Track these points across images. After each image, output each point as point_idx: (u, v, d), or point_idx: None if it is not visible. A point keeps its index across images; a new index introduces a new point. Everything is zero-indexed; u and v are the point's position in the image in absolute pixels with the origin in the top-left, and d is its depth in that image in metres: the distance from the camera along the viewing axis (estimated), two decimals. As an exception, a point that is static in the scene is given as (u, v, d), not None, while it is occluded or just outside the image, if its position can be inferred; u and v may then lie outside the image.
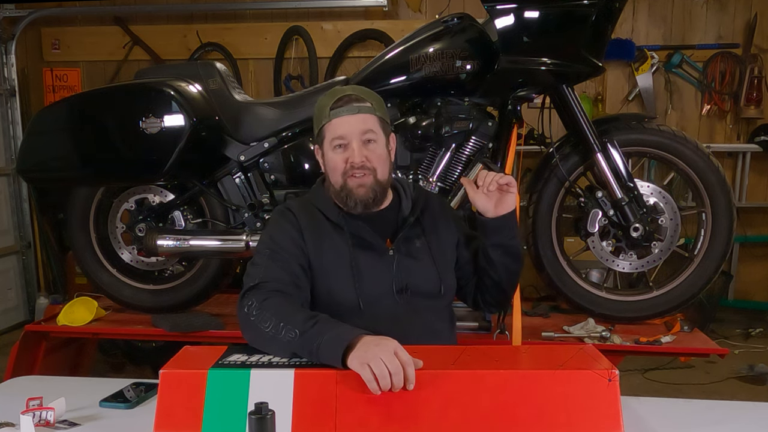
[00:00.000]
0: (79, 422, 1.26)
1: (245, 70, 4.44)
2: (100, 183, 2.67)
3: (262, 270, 1.46)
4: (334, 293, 1.52)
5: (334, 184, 1.55)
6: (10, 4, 4.33)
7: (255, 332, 1.35)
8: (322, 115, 1.55)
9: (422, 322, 1.55)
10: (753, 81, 4.03)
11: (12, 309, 4.33)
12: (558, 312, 2.75)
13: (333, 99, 1.54)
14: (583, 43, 2.28)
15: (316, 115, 1.59)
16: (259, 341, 1.34)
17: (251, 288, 1.43)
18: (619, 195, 2.37)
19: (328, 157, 1.56)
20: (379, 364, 1.13)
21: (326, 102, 1.55)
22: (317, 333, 1.24)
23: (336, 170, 1.53)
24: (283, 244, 1.51)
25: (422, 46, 2.36)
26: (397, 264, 1.54)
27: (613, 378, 1.16)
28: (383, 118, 1.57)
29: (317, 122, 1.58)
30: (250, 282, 1.44)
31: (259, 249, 1.54)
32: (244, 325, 1.39)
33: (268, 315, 1.33)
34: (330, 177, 1.56)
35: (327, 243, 1.54)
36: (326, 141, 1.55)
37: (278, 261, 1.48)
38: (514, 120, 2.40)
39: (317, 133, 1.58)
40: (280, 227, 1.56)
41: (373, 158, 1.52)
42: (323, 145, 1.57)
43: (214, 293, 2.76)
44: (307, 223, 1.56)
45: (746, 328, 3.96)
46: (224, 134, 2.52)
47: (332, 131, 1.53)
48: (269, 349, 1.33)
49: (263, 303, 1.37)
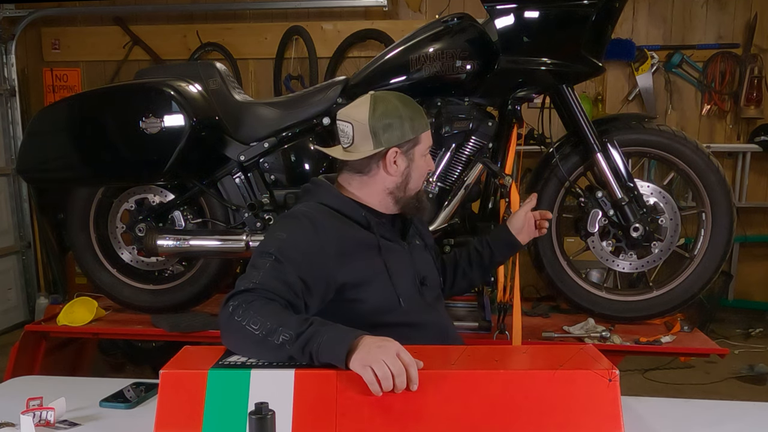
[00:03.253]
0: (79, 422, 1.26)
1: (245, 70, 4.44)
2: (100, 183, 2.67)
3: (260, 275, 1.37)
4: (372, 296, 1.52)
5: (413, 188, 1.63)
6: (10, 4, 4.33)
7: (239, 334, 1.26)
8: (419, 121, 1.60)
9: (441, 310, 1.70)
10: (753, 81, 4.03)
11: (12, 309, 4.33)
12: (558, 312, 2.75)
13: (420, 109, 1.64)
14: (583, 43, 2.28)
15: (413, 123, 1.59)
16: (244, 344, 1.27)
17: (242, 292, 1.34)
18: (619, 195, 2.37)
19: (418, 164, 1.62)
20: (382, 366, 1.13)
21: (419, 109, 1.62)
22: (316, 334, 1.21)
23: (422, 176, 1.66)
24: (291, 255, 1.41)
25: (422, 46, 2.36)
26: (413, 259, 1.64)
27: (613, 378, 1.16)
28: None
29: (412, 128, 1.58)
30: (243, 285, 1.35)
31: (263, 250, 1.43)
32: (226, 327, 1.30)
33: (257, 317, 1.25)
34: (413, 181, 1.63)
35: (356, 249, 1.51)
36: (421, 147, 1.62)
37: (279, 271, 1.38)
38: (514, 120, 2.40)
39: (410, 139, 1.59)
40: (294, 236, 1.46)
41: None
42: (414, 151, 1.61)
43: (214, 293, 2.76)
44: (333, 233, 1.49)
45: (746, 328, 3.97)
46: (224, 134, 2.52)
47: (427, 140, 1.63)
48: (255, 353, 1.26)
49: (251, 304, 1.29)
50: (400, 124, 1.57)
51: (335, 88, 2.50)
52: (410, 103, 1.61)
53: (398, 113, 1.57)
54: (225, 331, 1.31)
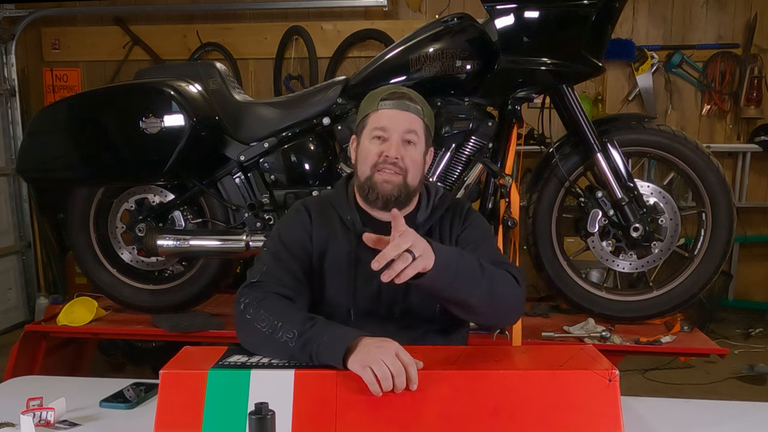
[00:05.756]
0: (79, 422, 1.26)
1: (245, 70, 4.44)
2: (100, 183, 2.67)
3: (265, 268, 1.44)
4: (327, 298, 1.49)
5: (360, 175, 1.50)
6: (10, 4, 4.33)
7: (250, 330, 1.31)
8: (370, 104, 1.52)
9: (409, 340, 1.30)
10: (753, 81, 4.03)
11: (12, 309, 4.33)
12: (558, 312, 2.74)
13: (387, 92, 1.51)
14: (583, 43, 2.28)
15: (363, 105, 1.54)
16: (254, 341, 1.31)
17: (250, 285, 1.41)
18: (619, 195, 2.38)
19: (363, 146, 1.50)
20: (381, 366, 1.13)
21: (378, 93, 1.52)
22: (316, 334, 1.22)
23: (367, 160, 1.47)
24: (289, 245, 1.48)
25: (422, 46, 2.36)
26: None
27: (613, 378, 1.16)
28: (429, 127, 1.53)
29: (362, 111, 1.53)
30: (251, 278, 1.43)
31: (267, 245, 1.52)
32: (239, 323, 1.36)
33: (264, 314, 1.30)
34: (359, 167, 1.51)
35: (332, 246, 1.49)
36: (366, 130, 1.50)
37: (281, 261, 1.45)
38: (514, 120, 2.40)
39: (359, 122, 1.53)
40: (291, 226, 1.53)
41: (408, 160, 1.46)
42: (361, 135, 1.52)
43: (214, 293, 2.76)
44: (320, 223, 1.51)
45: (746, 328, 3.96)
46: (224, 134, 2.52)
47: (376, 121, 1.48)
48: (263, 350, 1.29)
49: (261, 302, 1.34)
50: (363, 106, 1.54)
51: (335, 88, 2.50)
52: (385, 88, 1.56)
53: (368, 96, 1.55)
54: (237, 328, 1.37)
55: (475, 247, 1.49)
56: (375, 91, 1.55)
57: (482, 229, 1.57)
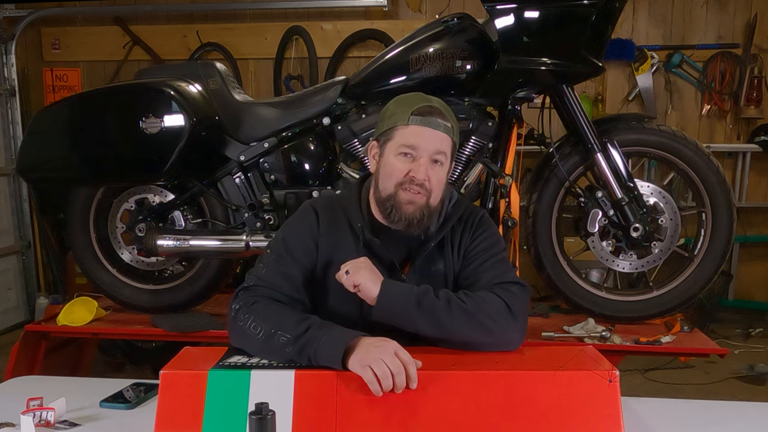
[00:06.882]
0: (79, 422, 1.26)
1: (245, 70, 4.44)
2: (100, 183, 2.66)
3: (263, 271, 1.42)
4: (331, 306, 1.45)
5: (382, 190, 1.44)
6: (10, 4, 4.33)
7: (242, 336, 1.30)
8: (399, 115, 1.43)
9: None
10: (753, 81, 4.03)
11: (12, 309, 4.33)
12: (558, 312, 2.74)
13: (418, 104, 1.43)
14: (583, 43, 2.28)
15: (390, 112, 1.46)
16: (248, 346, 1.30)
17: (245, 289, 1.39)
18: (619, 195, 2.37)
19: (388, 161, 1.43)
20: (381, 365, 1.13)
21: (408, 103, 1.44)
22: (313, 336, 1.22)
23: (392, 177, 1.42)
24: (293, 250, 1.44)
25: (422, 46, 2.36)
26: None
27: (613, 379, 1.16)
28: (455, 145, 1.49)
29: (389, 120, 1.45)
30: (248, 281, 1.41)
31: (270, 246, 1.48)
32: (231, 329, 1.35)
33: (256, 320, 1.29)
34: (381, 182, 1.45)
35: (339, 254, 1.43)
36: (393, 143, 1.43)
37: (282, 265, 1.42)
38: (514, 120, 2.40)
39: (384, 130, 1.45)
40: (297, 230, 1.48)
41: (434, 181, 1.42)
42: (385, 146, 1.45)
43: (214, 293, 2.76)
44: (328, 230, 1.47)
45: (746, 328, 3.96)
46: (224, 134, 2.52)
47: (405, 137, 1.41)
48: (259, 355, 1.28)
49: (251, 307, 1.32)
50: (390, 114, 1.46)
51: (335, 88, 2.50)
52: (415, 97, 1.47)
53: (389, 107, 1.48)
54: (230, 333, 1.36)
55: (480, 263, 1.47)
56: (404, 99, 1.48)
57: (489, 242, 1.51)
